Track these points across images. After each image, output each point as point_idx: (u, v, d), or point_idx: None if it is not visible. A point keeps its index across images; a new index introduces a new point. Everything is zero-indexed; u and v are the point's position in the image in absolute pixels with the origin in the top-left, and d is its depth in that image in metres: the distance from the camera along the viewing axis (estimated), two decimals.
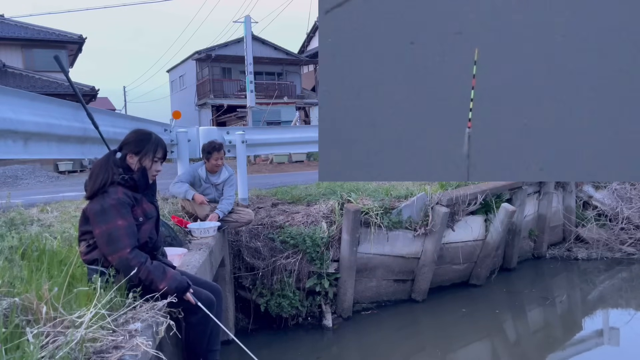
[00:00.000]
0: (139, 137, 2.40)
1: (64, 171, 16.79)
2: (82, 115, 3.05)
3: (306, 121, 25.44)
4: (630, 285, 6.77)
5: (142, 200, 2.36)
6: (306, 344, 4.89)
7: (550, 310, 5.87)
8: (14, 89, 2.53)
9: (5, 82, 15.83)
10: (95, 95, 19.31)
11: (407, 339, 5.11)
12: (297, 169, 15.37)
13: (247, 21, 19.43)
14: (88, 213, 2.23)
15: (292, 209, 5.74)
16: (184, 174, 4.63)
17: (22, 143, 2.48)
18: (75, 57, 22.19)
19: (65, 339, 1.56)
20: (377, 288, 5.71)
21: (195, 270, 3.04)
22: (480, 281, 6.44)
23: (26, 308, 1.69)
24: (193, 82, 28.24)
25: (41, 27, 20.40)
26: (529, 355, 4.82)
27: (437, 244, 5.74)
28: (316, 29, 18.82)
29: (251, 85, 19.81)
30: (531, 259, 7.88)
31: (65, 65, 10.25)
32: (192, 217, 4.50)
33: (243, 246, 5.11)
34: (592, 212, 8.35)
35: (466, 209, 6.08)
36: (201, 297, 2.37)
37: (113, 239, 2.14)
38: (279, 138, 6.42)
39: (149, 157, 2.37)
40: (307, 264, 5.15)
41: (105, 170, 2.27)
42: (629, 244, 7.79)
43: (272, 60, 27.34)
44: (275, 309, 5.01)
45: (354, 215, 5.17)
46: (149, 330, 1.85)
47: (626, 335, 5.05)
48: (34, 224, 3.78)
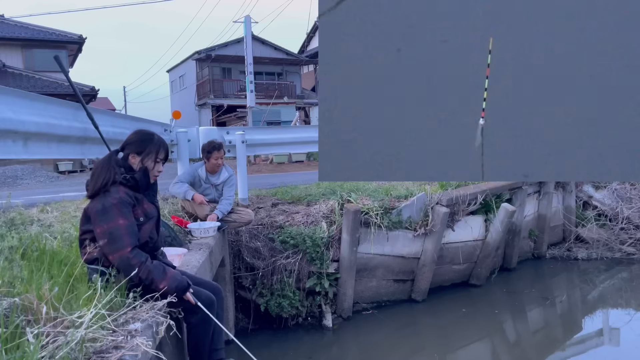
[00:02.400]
0: (141, 137, 2.41)
1: (64, 171, 16.80)
2: (82, 115, 3.05)
3: (306, 121, 25.43)
4: (630, 285, 6.77)
5: (143, 200, 2.36)
6: (306, 344, 4.89)
7: (550, 310, 5.87)
8: (14, 89, 2.53)
9: (5, 82, 15.82)
10: (95, 95, 19.30)
11: (407, 339, 5.11)
12: (297, 169, 15.36)
13: (247, 21, 19.43)
14: (89, 212, 2.23)
15: (292, 209, 5.74)
16: (184, 174, 4.63)
17: (22, 143, 2.48)
18: (75, 57, 22.19)
19: (65, 339, 1.56)
20: (377, 288, 5.71)
21: (195, 270, 3.04)
22: (480, 281, 6.44)
23: (26, 308, 1.69)
24: (193, 82, 28.24)
25: (41, 27, 20.40)
26: (529, 355, 4.82)
27: (437, 244, 5.74)
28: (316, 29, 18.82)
29: (251, 85, 19.81)
30: (531, 259, 7.88)
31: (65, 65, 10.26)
32: (192, 217, 4.50)
33: (243, 246, 5.11)
34: (592, 212, 8.35)
35: (466, 209, 6.08)
36: (201, 297, 2.37)
37: (114, 238, 2.14)
38: (279, 138, 6.42)
39: (152, 158, 2.38)
40: (307, 264, 5.15)
41: (107, 169, 2.27)
42: (629, 244, 7.79)
43: (272, 60, 27.33)
44: (275, 309, 5.01)
45: (354, 215, 5.17)
46: (149, 330, 1.85)
47: (626, 335, 5.05)
48: (34, 224, 3.78)
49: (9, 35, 19.52)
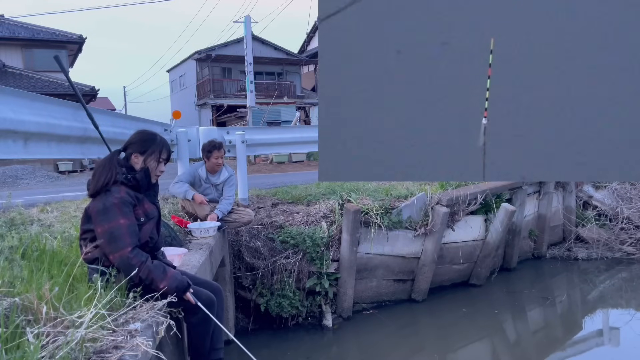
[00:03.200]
0: (144, 137, 2.41)
1: (64, 171, 16.80)
2: (82, 115, 3.05)
3: (306, 121, 25.44)
4: (630, 285, 6.77)
5: (143, 201, 2.36)
6: (306, 344, 4.89)
7: (550, 310, 5.87)
8: (14, 89, 2.52)
9: (5, 82, 15.83)
10: (95, 95, 19.31)
11: (407, 339, 5.11)
12: (297, 169, 15.37)
13: (247, 21, 19.44)
14: (90, 211, 2.23)
15: (292, 209, 5.74)
16: (184, 174, 4.63)
17: (22, 143, 2.48)
18: (75, 57, 22.19)
19: (66, 339, 1.56)
20: (377, 288, 5.71)
21: (195, 270, 3.04)
22: (480, 281, 6.44)
23: (26, 308, 1.69)
24: (193, 82, 28.24)
25: (41, 27, 20.39)
26: (529, 355, 4.82)
27: (437, 244, 5.74)
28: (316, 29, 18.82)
29: (251, 85, 19.81)
30: (531, 259, 7.88)
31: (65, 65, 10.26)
32: (192, 217, 4.50)
33: (243, 246, 5.11)
34: (592, 212, 8.35)
35: (466, 208, 6.08)
36: (201, 296, 2.37)
37: (114, 237, 2.14)
38: (279, 138, 6.42)
39: (154, 158, 2.38)
40: (307, 264, 5.15)
41: (108, 169, 2.27)
42: (629, 244, 7.79)
43: (272, 60, 27.33)
44: (275, 309, 5.01)
45: (354, 215, 5.17)
46: (149, 330, 1.85)
47: (626, 335, 5.05)
48: (34, 224, 3.78)
49: (9, 35, 19.52)
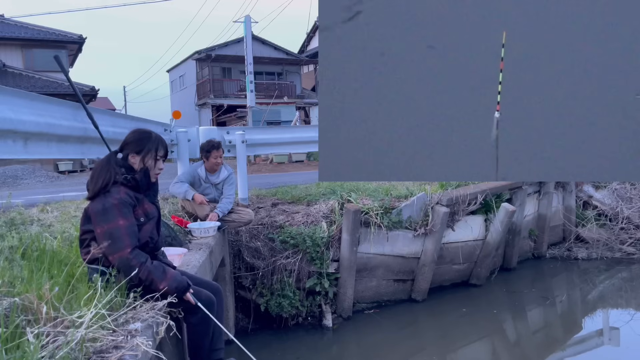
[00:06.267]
0: (139, 136, 2.40)
1: (64, 171, 16.79)
2: (82, 115, 3.04)
3: (306, 121, 25.42)
4: (630, 285, 6.77)
5: (143, 201, 2.36)
6: (306, 344, 4.89)
7: (550, 310, 5.87)
8: (14, 89, 2.52)
9: (5, 82, 15.82)
10: (95, 95, 19.30)
11: (407, 339, 5.11)
12: (297, 169, 15.36)
13: (247, 21, 19.43)
14: (90, 212, 2.23)
15: (292, 209, 5.74)
16: (184, 174, 4.63)
17: (22, 143, 2.48)
18: (75, 57, 22.19)
19: (66, 339, 1.56)
20: (377, 288, 5.71)
21: (195, 270, 3.04)
22: (480, 281, 6.44)
23: (26, 308, 1.69)
24: (193, 82, 28.24)
25: (41, 27, 20.39)
26: (529, 355, 4.82)
27: (437, 244, 5.74)
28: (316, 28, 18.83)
29: (251, 85, 19.81)
30: (531, 258, 7.87)
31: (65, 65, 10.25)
32: (192, 217, 4.50)
33: (243, 246, 5.11)
34: (592, 212, 8.35)
35: (466, 208, 6.08)
36: (201, 297, 2.37)
37: (114, 238, 2.14)
38: (279, 138, 6.42)
39: (151, 156, 2.37)
40: (307, 263, 5.15)
41: (106, 170, 2.27)
42: (629, 244, 7.79)
43: (272, 60, 27.33)
44: (275, 309, 5.01)
45: (354, 215, 5.17)
46: (149, 330, 1.85)
47: (626, 335, 5.05)
48: (34, 224, 3.78)
49: (9, 35, 19.51)
